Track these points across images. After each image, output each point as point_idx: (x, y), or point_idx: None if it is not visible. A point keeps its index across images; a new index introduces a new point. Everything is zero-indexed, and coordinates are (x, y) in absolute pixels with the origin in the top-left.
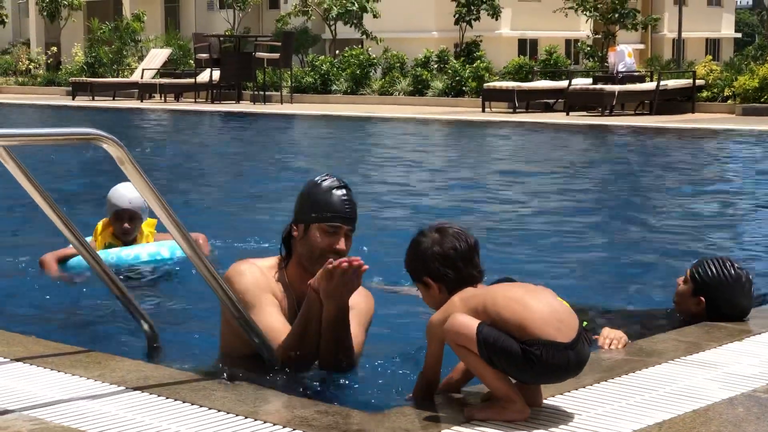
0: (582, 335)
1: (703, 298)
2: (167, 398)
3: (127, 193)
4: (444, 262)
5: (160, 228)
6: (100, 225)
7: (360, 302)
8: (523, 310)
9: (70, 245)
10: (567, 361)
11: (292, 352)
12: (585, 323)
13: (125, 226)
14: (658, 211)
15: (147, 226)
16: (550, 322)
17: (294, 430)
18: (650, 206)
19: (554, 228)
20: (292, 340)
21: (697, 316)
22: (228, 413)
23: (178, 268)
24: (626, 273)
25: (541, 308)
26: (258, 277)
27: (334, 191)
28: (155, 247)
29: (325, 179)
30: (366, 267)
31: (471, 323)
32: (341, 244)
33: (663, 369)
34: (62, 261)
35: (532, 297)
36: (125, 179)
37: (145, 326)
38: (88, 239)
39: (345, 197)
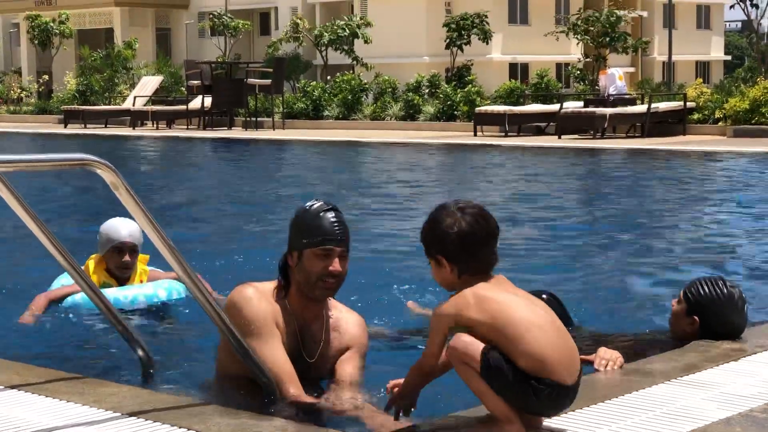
0: (581, 374)
1: (696, 318)
2: (163, 424)
3: (125, 225)
4: (461, 245)
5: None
6: (91, 263)
7: (358, 337)
8: (547, 348)
9: (62, 285)
10: (566, 401)
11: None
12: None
13: (126, 259)
14: (652, 233)
15: (140, 262)
16: (564, 365)
17: None
18: (644, 228)
19: (548, 249)
20: (300, 406)
21: (691, 335)
22: None
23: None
24: (621, 294)
25: (561, 348)
26: (264, 304)
27: (322, 215)
28: (152, 288)
29: (314, 204)
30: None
31: (476, 346)
32: (336, 266)
33: (659, 389)
34: (57, 301)
35: (554, 332)
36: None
37: (141, 352)
38: None
39: (334, 219)
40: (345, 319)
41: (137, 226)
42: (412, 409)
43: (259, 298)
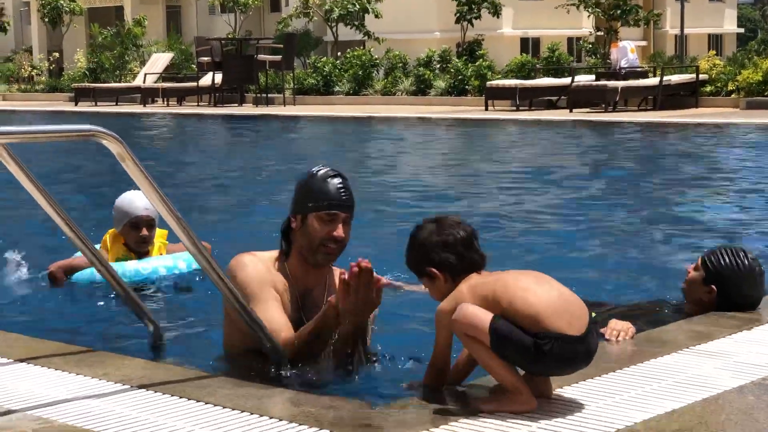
0: (592, 328)
1: (714, 287)
2: (172, 396)
3: (141, 199)
4: (445, 249)
5: (171, 238)
6: (108, 237)
7: None
8: (536, 301)
9: (75, 255)
10: (576, 354)
11: (298, 355)
12: (594, 315)
13: (143, 233)
14: (665, 204)
15: (158, 237)
16: (562, 315)
17: (300, 425)
18: (657, 199)
19: (561, 221)
20: (299, 346)
21: (706, 304)
22: (234, 409)
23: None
24: (633, 264)
25: (554, 300)
26: (260, 269)
27: (329, 180)
28: (172, 260)
29: (321, 169)
30: (384, 281)
31: (484, 316)
32: (339, 231)
33: (672, 359)
34: (69, 272)
35: (544, 287)
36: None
37: (149, 325)
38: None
39: (341, 185)
40: None
41: None
42: None
43: (255, 264)
